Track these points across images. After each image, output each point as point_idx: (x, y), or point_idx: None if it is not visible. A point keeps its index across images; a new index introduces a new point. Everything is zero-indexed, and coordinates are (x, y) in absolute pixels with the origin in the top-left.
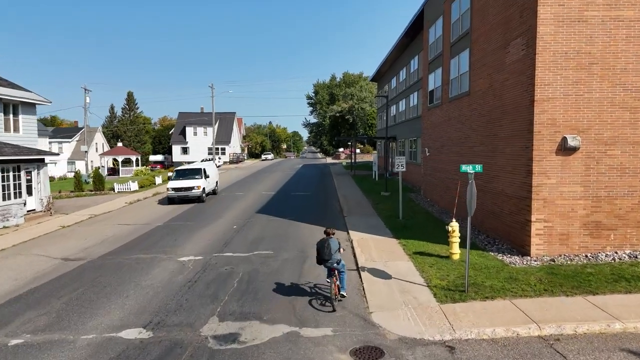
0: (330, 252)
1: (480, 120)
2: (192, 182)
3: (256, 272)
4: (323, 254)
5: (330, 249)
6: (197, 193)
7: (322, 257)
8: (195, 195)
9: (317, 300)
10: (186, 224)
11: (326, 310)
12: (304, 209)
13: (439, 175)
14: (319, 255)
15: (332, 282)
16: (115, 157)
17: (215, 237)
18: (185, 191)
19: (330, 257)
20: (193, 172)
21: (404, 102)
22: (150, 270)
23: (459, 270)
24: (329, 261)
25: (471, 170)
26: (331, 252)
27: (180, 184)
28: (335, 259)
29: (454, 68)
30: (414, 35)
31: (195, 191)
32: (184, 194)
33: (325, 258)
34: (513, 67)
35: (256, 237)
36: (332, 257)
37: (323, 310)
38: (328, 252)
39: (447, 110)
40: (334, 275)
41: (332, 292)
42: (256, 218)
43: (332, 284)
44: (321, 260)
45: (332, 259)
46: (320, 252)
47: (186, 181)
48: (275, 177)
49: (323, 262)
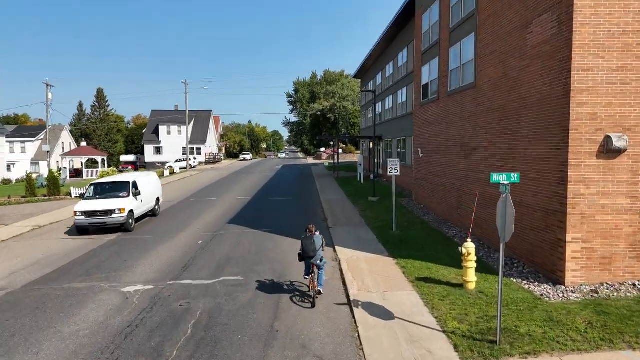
0: (315, 249)
1: (490, 117)
2: (112, 203)
3: (219, 310)
4: (309, 251)
5: (315, 246)
6: (120, 219)
7: (307, 254)
8: (116, 223)
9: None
10: (143, 238)
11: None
12: (283, 218)
13: (434, 179)
14: (304, 252)
15: (311, 280)
16: (75, 158)
17: (174, 256)
18: (102, 216)
19: (315, 254)
20: (116, 187)
21: (391, 99)
22: (81, 308)
23: (479, 307)
24: (314, 258)
25: (505, 180)
26: (316, 249)
27: (95, 206)
28: (319, 256)
29: (454, 57)
30: (403, 25)
31: (116, 216)
32: (100, 219)
33: (310, 255)
34: (537, 51)
35: (224, 256)
36: (317, 254)
37: None
38: (313, 249)
39: (446, 105)
40: (312, 272)
41: (312, 288)
42: (227, 230)
43: (311, 281)
44: (305, 258)
45: (316, 256)
46: (306, 249)
47: (104, 202)
48: (253, 179)
49: (307, 259)
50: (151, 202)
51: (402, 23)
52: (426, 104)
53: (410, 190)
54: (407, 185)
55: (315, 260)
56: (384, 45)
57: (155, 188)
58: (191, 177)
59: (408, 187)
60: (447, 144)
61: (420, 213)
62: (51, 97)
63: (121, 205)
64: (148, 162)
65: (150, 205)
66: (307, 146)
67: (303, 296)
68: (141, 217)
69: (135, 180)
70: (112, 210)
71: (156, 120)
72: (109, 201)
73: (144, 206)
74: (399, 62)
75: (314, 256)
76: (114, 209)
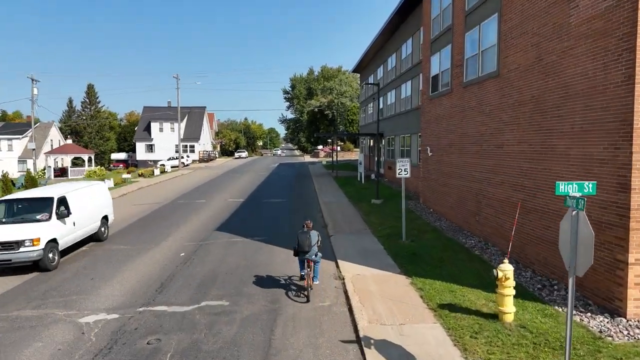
0: (310, 243)
1: (519, 110)
2: (21, 231)
3: (196, 350)
4: (304, 246)
5: (311, 241)
6: (31, 254)
7: (302, 248)
8: (26, 260)
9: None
10: (119, 249)
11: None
12: (277, 224)
13: (446, 181)
14: (299, 247)
15: (307, 275)
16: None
17: (151, 273)
18: (4, 251)
19: (310, 249)
20: (33, 207)
21: (394, 94)
22: (23, 348)
23: (525, 349)
24: (309, 252)
25: (576, 191)
26: (311, 244)
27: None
28: (314, 251)
29: (470, 44)
30: (407, 13)
31: (25, 251)
32: (2, 256)
33: (306, 250)
34: (586, 29)
35: (208, 273)
36: (312, 249)
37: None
38: (308, 244)
39: (460, 98)
40: (308, 267)
41: (307, 283)
42: (215, 239)
43: (307, 276)
44: (300, 252)
45: (311, 251)
46: (301, 243)
47: (10, 228)
48: (247, 178)
49: (302, 253)
50: (92, 223)
51: (407, 10)
52: (436, 98)
53: (415, 192)
54: (412, 187)
55: (310, 256)
56: (386, 37)
57: (100, 204)
58: (182, 177)
59: (414, 188)
60: (463, 141)
61: (430, 218)
62: (36, 92)
63: (34, 233)
64: (140, 160)
65: (90, 228)
66: (304, 144)
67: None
68: (76, 246)
69: (63, 196)
70: (20, 241)
71: (148, 116)
72: (18, 228)
73: (79, 231)
74: (402, 53)
75: (309, 251)
76: (23, 240)
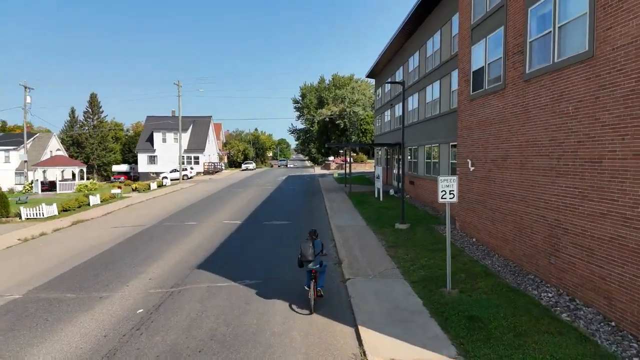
0: (314, 252)
1: (632, 105)
2: None
3: None
4: (307, 255)
5: (314, 250)
6: None
7: (305, 257)
8: None
9: None
10: (58, 299)
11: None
12: (277, 260)
13: (499, 204)
14: (302, 256)
15: (312, 287)
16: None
17: (78, 348)
18: None
19: (313, 258)
20: None
21: (416, 98)
22: None
23: None
24: (312, 262)
25: None
26: (314, 253)
27: None
28: (318, 261)
29: (537, 21)
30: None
31: None
32: None
33: (309, 259)
34: None
35: (166, 353)
36: (316, 259)
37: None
38: (312, 253)
39: (520, 95)
40: (313, 279)
41: (311, 295)
42: (191, 283)
43: (311, 289)
44: (303, 262)
45: (315, 260)
46: (304, 252)
47: None
48: (249, 194)
49: (306, 263)
50: None
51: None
52: (480, 97)
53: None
54: (442, 206)
55: (314, 265)
56: (406, 35)
57: None
58: (181, 191)
59: (437, 204)
60: (526, 153)
61: (476, 252)
62: (30, 100)
63: None
64: (142, 172)
65: None
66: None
67: None
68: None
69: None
70: None
71: (151, 126)
72: None
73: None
74: (427, 51)
75: (312, 260)
76: None
